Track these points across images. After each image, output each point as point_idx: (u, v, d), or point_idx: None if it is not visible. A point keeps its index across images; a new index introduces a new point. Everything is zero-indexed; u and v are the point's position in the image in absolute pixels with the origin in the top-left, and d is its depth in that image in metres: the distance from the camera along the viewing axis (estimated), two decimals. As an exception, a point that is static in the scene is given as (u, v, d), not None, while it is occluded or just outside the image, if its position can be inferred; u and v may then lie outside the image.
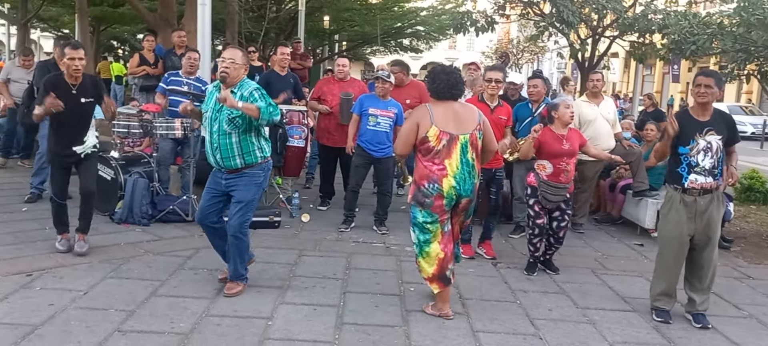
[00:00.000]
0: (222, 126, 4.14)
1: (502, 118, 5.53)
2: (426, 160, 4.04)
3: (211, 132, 4.20)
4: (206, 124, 4.25)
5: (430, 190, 4.02)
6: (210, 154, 4.25)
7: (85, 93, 4.83)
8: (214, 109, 4.20)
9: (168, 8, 10.86)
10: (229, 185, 4.26)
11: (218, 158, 4.21)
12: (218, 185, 4.31)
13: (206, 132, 4.26)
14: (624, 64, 34.79)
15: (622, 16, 12.00)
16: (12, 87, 8.29)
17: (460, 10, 13.96)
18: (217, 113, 4.17)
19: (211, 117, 4.21)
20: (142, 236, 5.65)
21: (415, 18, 22.98)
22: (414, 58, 48.35)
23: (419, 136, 4.02)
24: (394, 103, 6.26)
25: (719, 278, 5.12)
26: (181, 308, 4.03)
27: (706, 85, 4.14)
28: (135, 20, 18.24)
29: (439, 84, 4.07)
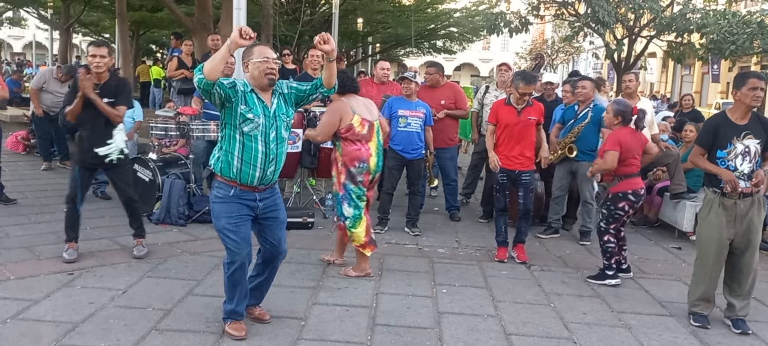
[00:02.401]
0: (280, 133, 3.54)
1: (532, 118, 5.47)
2: (353, 145, 4.74)
3: (267, 142, 3.48)
4: (255, 134, 3.45)
5: (361, 168, 4.76)
6: (257, 168, 3.48)
7: (108, 93, 4.78)
8: (268, 114, 3.49)
9: (205, 12, 11.07)
10: (267, 206, 3.62)
11: (270, 172, 3.53)
12: (248, 209, 3.56)
13: (251, 142, 3.45)
14: (662, 65, 34.10)
15: (660, 15, 11.81)
16: (45, 97, 8.35)
17: (493, 11, 13.89)
18: (272, 120, 3.49)
19: (265, 125, 3.47)
20: (179, 236, 5.77)
21: (449, 19, 22.99)
22: (447, 60, 48.30)
23: (343, 125, 4.71)
24: (422, 104, 6.27)
25: (761, 282, 4.99)
26: (216, 308, 4.09)
27: (761, 88, 4.05)
28: (173, 24, 18.61)
29: (342, 80, 4.62)
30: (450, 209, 7.12)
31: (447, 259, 5.52)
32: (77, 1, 18.70)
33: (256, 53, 3.47)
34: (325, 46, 3.37)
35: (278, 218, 3.69)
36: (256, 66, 3.47)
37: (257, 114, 3.46)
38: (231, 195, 3.50)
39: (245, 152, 3.45)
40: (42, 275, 4.56)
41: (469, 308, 4.37)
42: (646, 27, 12.72)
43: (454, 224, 6.85)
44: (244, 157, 3.45)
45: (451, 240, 6.15)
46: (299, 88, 3.63)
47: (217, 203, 3.53)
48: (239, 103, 3.42)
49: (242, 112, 3.41)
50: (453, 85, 7.66)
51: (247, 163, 3.46)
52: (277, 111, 3.52)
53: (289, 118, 3.60)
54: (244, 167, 3.46)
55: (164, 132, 6.43)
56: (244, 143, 3.45)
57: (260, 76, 3.46)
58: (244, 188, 3.50)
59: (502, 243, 5.57)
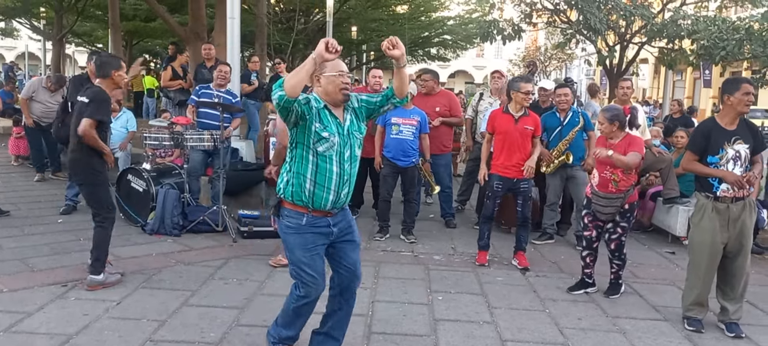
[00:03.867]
0: (354, 151, 3.24)
1: (529, 127, 5.46)
2: None
3: (342, 162, 3.17)
4: (330, 154, 3.14)
5: None
6: (331, 191, 3.16)
7: None
8: (342, 132, 3.17)
9: (198, 22, 11.08)
10: (341, 229, 3.31)
11: (344, 195, 3.23)
12: (324, 238, 3.26)
13: (326, 163, 3.14)
14: (654, 70, 34.28)
15: (651, 22, 11.91)
16: (34, 107, 8.32)
17: (487, 19, 13.98)
18: (346, 138, 3.19)
19: (341, 143, 3.16)
20: (173, 246, 5.76)
21: (443, 27, 23.10)
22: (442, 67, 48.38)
23: None
24: (417, 112, 6.29)
25: (753, 286, 5.03)
26: (211, 318, 4.09)
27: (753, 93, 4.10)
28: (166, 34, 18.63)
29: None
30: (445, 215, 7.14)
31: (443, 266, 5.53)
32: (70, 12, 18.70)
33: (330, 67, 3.14)
34: (395, 52, 3.06)
35: (354, 240, 3.40)
36: (330, 81, 3.14)
37: (332, 132, 3.14)
38: (303, 224, 3.17)
39: (319, 174, 3.13)
40: (35, 287, 4.54)
41: (465, 315, 4.38)
42: (638, 33, 12.82)
43: (450, 230, 6.86)
44: (317, 180, 3.13)
45: (446, 247, 6.16)
46: (370, 100, 3.32)
47: (289, 233, 3.20)
48: (314, 121, 3.10)
49: (317, 130, 3.10)
50: (448, 93, 7.70)
51: (320, 185, 3.14)
52: (350, 128, 3.22)
53: (361, 135, 3.29)
54: (318, 190, 3.14)
55: (158, 142, 6.43)
56: (318, 164, 3.13)
57: (335, 91, 3.15)
58: (317, 213, 3.18)
59: (483, 247, 5.62)
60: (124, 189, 6.51)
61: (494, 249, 6.02)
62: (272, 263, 5.24)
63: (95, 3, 18.25)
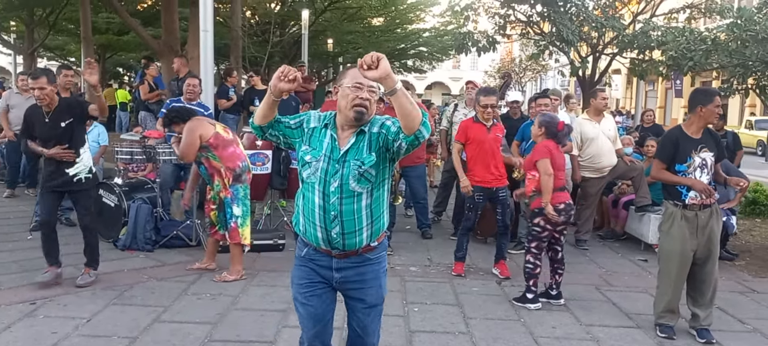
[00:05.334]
0: (346, 183, 2.55)
1: (499, 135, 5.62)
2: (227, 149, 5.15)
3: (326, 193, 2.56)
4: (312, 180, 2.59)
5: (244, 167, 5.23)
6: (317, 227, 2.59)
7: (60, 117, 4.75)
8: (334, 156, 2.57)
9: (172, 35, 11.00)
10: (347, 279, 2.69)
11: (334, 234, 2.58)
12: (322, 278, 2.71)
13: (309, 192, 2.61)
14: (626, 81, 34.83)
15: (622, 33, 12.10)
16: (13, 117, 8.16)
17: (461, 31, 14.08)
18: (337, 164, 2.56)
19: (324, 169, 2.57)
20: (146, 261, 5.68)
21: (418, 39, 23.22)
22: (418, 79, 48.70)
23: (207, 137, 5.08)
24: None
25: (724, 292, 5.11)
26: (183, 334, 4.04)
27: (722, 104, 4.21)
28: (140, 47, 18.46)
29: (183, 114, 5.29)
30: (421, 227, 7.14)
31: (419, 277, 5.52)
32: (41, 26, 18.43)
33: (348, 77, 2.57)
34: (371, 73, 2.31)
35: (365, 299, 2.71)
36: (344, 95, 2.56)
37: (317, 156, 2.59)
38: (303, 255, 2.71)
39: (305, 205, 2.63)
40: (3, 305, 4.44)
41: (440, 326, 4.37)
42: (609, 45, 13.02)
43: (426, 242, 6.87)
44: (304, 211, 2.65)
45: (422, 258, 6.16)
46: (390, 128, 2.56)
47: (295, 266, 2.77)
48: (303, 143, 2.65)
49: (302, 153, 2.62)
50: (420, 105, 7.72)
51: (306, 218, 2.63)
52: (349, 154, 2.56)
53: (365, 166, 2.55)
54: (306, 224, 2.64)
55: (130, 156, 6.35)
56: (305, 194, 2.63)
57: (346, 107, 2.54)
58: (317, 249, 2.66)
59: (460, 258, 5.64)
60: (96, 204, 6.38)
61: (470, 259, 6.04)
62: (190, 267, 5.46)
63: (67, 16, 18.02)
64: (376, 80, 2.35)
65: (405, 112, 2.41)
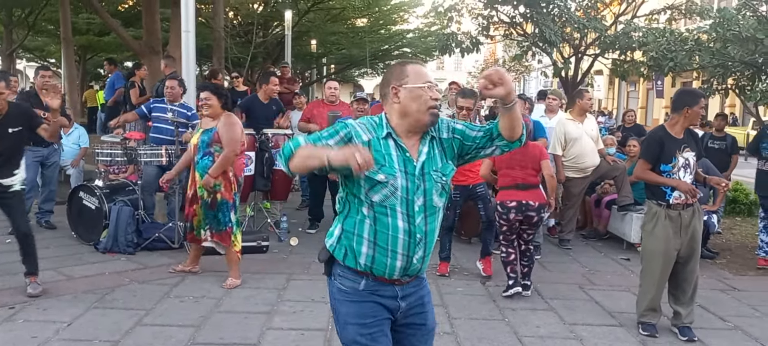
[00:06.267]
0: (430, 199, 2.28)
1: None
2: (242, 158, 5.23)
3: (412, 215, 2.24)
4: (391, 203, 2.22)
5: (241, 180, 5.26)
6: (398, 256, 2.25)
7: (10, 123, 4.62)
8: (411, 171, 2.25)
9: (153, 36, 10.89)
10: (411, 305, 2.37)
11: (416, 259, 2.29)
12: (387, 311, 2.33)
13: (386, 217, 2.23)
14: (608, 82, 35.14)
15: (603, 34, 12.18)
16: None
17: (445, 32, 14.09)
18: (418, 179, 2.25)
19: (405, 187, 2.23)
20: (128, 264, 5.61)
21: (402, 40, 23.21)
22: (401, 80, 48.47)
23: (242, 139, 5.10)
24: None
25: (705, 290, 5.17)
26: (166, 337, 3.99)
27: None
28: (121, 49, 18.26)
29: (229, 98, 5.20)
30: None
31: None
32: (20, 26, 18.17)
33: (413, 75, 2.28)
34: (497, 90, 2.15)
35: (426, 323, 2.41)
36: (414, 95, 2.26)
37: (392, 173, 2.22)
38: (361, 288, 2.29)
39: (379, 234, 2.24)
40: (-19, 310, 4.37)
41: (424, 326, 4.36)
42: (591, 46, 13.11)
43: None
44: (378, 241, 2.24)
45: (406, 259, 6.14)
46: (466, 133, 2.36)
47: (342, 301, 2.32)
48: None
49: (370, 173, 2.18)
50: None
51: (382, 248, 2.25)
52: (426, 166, 2.27)
53: (445, 178, 2.31)
54: (379, 255, 2.25)
55: (110, 158, 6.28)
56: (377, 219, 2.24)
57: (421, 110, 2.25)
58: (380, 278, 2.30)
59: (444, 259, 5.66)
60: (76, 207, 6.33)
61: (455, 259, 6.04)
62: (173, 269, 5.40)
63: (47, 17, 17.79)
64: (504, 97, 2.17)
65: (516, 121, 2.27)
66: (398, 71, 2.32)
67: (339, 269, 2.32)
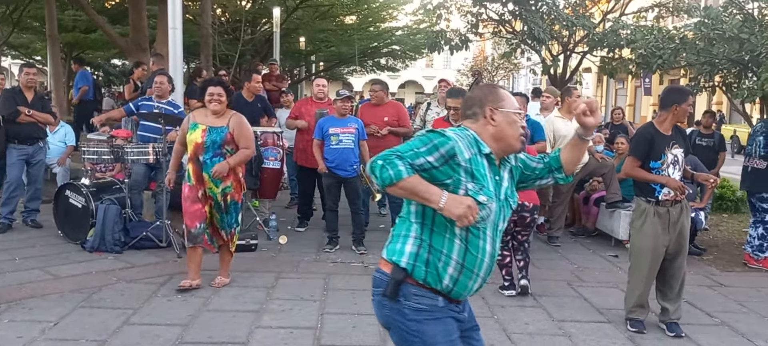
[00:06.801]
0: (506, 217, 2.33)
1: None
2: None
3: (495, 237, 2.28)
4: (483, 226, 2.21)
5: None
6: (479, 278, 2.26)
7: None
8: (498, 194, 2.26)
9: (140, 33, 10.83)
10: (469, 314, 2.42)
11: (482, 279, 2.29)
12: (459, 324, 2.33)
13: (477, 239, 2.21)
14: (597, 79, 35.32)
15: (592, 32, 12.23)
16: None
17: (434, 30, 14.10)
18: (504, 203, 2.29)
19: (496, 212, 2.25)
20: (115, 263, 5.57)
21: (391, 38, 23.20)
22: (392, 77, 48.65)
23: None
24: (353, 119, 6.29)
25: (692, 286, 5.20)
26: (153, 336, 3.96)
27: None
28: (107, 46, 18.12)
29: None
30: (395, 225, 7.12)
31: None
32: (5, 23, 17.95)
33: (507, 100, 2.29)
34: (589, 119, 2.26)
35: (476, 325, 2.46)
36: (510, 121, 2.26)
37: (491, 196, 2.19)
38: (440, 305, 2.24)
39: (469, 255, 2.20)
40: (-35, 310, 4.31)
41: (414, 324, 4.36)
42: (580, 43, 13.16)
43: (399, 240, 6.84)
44: (466, 263, 2.21)
45: (396, 257, 6.13)
46: (527, 163, 2.44)
47: (425, 321, 2.22)
48: (464, 182, 2.15)
49: (471, 193, 2.14)
50: (396, 104, 7.76)
51: (469, 270, 2.21)
52: (506, 192, 2.31)
53: (514, 205, 2.37)
54: (464, 277, 2.22)
55: (97, 156, 6.23)
56: (470, 240, 2.19)
57: (514, 136, 2.26)
58: (455, 300, 2.29)
59: None
60: (63, 205, 6.27)
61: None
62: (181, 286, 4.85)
63: (32, 14, 17.58)
64: (589, 128, 2.31)
65: (580, 157, 2.41)
66: (493, 93, 2.31)
67: (413, 289, 2.22)
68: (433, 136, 2.15)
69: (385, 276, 2.26)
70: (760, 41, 7.03)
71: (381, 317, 2.32)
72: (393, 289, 2.22)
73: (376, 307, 2.32)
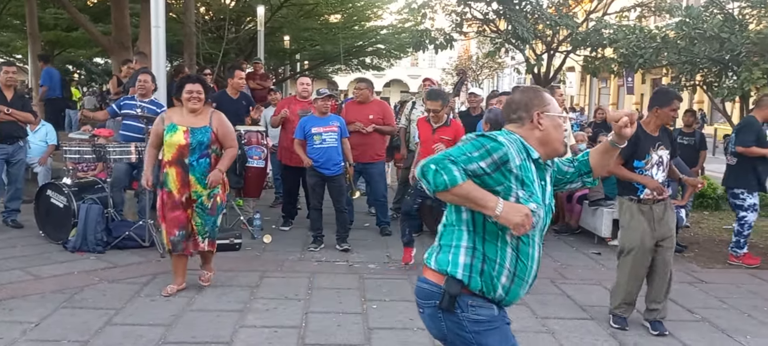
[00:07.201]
0: (548, 222, 2.31)
1: (445, 137, 5.60)
2: None
3: (539, 244, 2.29)
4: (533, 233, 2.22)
5: None
6: (527, 285, 2.27)
7: None
8: (544, 200, 2.24)
9: (122, 31, 10.72)
10: None
11: (529, 286, 2.30)
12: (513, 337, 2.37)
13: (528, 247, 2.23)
14: (580, 78, 35.59)
15: (575, 31, 12.33)
16: None
17: (419, 29, 14.13)
18: (549, 208, 2.28)
19: (543, 218, 2.24)
20: (97, 263, 5.52)
21: (376, 36, 23.18)
22: (377, 76, 48.63)
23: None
24: (335, 117, 6.28)
25: (674, 283, 5.24)
26: (136, 336, 3.94)
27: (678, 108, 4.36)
28: (89, 44, 17.93)
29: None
30: (380, 224, 7.14)
31: (377, 274, 5.52)
32: (-15, 21, 17.75)
33: (552, 103, 2.28)
34: (629, 131, 2.27)
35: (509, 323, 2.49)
36: (556, 125, 2.26)
37: (539, 202, 2.18)
38: (496, 315, 2.24)
39: (520, 263, 2.20)
40: (-56, 311, 4.26)
41: (399, 322, 4.37)
42: (563, 42, 13.27)
43: (385, 238, 6.87)
44: (517, 271, 2.20)
45: (381, 255, 6.15)
46: (560, 167, 2.46)
47: (484, 332, 2.21)
48: (514, 189, 2.12)
49: (522, 200, 2.13)
50: (381, 102, 7.78)
51: (520, 278, 2.22)
52: (550, 195, 2.30)
53: (553, 208, 2.36)
54: (515, 285, 2.22)
55: (79, 155, 6.16)
56: (520, 248, 2.19)
57: (559, 140, 2.26)
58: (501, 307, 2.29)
59: (406, 244, 5.71)
60: (44, 205, 6.20)
61: (428, 255, 6.06)
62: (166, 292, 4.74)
63: (12, 12, 17.34)
64: (625, 138, 2.29)
65: (609, 163, 2.45)
66: (539, 97, 2.28)
67: (470, 300, 2.19)
68: (486, 140, 2.11)
69: (435, 288, 2.22)
70: (739, 41, 7.13)
71: (436, 330, 2.27)
72: (449, 302, 2.18)
73: (430, 320, 2.27)
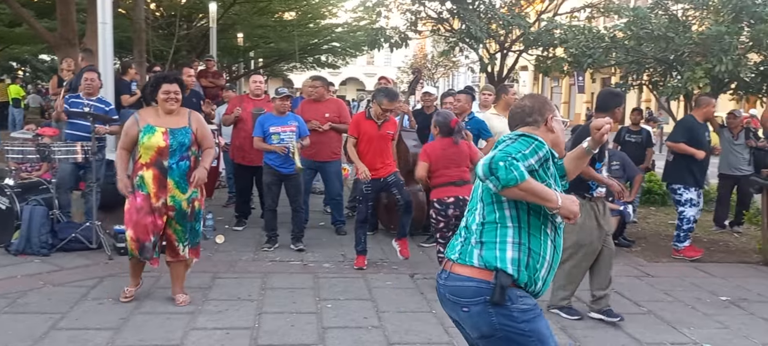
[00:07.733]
0: None
1: (390, 132, 5.71)
2: None
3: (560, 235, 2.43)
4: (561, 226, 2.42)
5: None
6: (551, 275, 2.41)
7: None
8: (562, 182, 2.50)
9: (68, 27, 10.38)
10: None
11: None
12: None
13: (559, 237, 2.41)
14: (533, 78, 36.22)
15: (527, 31, 12.51)
16: None
17: (374, 27, 14.12)
18: None
19: None
20: (42, 266, 5.34)
21: (331, 34, 23.09)
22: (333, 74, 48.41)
23: None
24: (294, 117, 6.23)
25: (621, 276, 5.41)
26: (83, 341, 3.83)
27: None
28: (34, 40, 17.35)
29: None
30: (335, 222, 7.12)
31: (332, 273, 5.50)
32: None
33: (557, 112, 2.53)
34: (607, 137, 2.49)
35: None
36: (562, 129, 2.49)
37: (558, 185, 2.41)
38: (535, 304, 2.35)
39: (555, 255, 2.37)
40: None
41: (353, 321, 4.37)
42: (516, 42, 13.44)
43: (340, 237, 6.85)
44: (552, 262, 2.35)
45: (336, 254, 6.13)
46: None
47: (532, 319, 2.29)
48: (552, 185, 2.33)
49: None
50: (337, 100, 7.76)
51: (552, 269, 2.37)
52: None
53: None
54: (549, 276, 2.37)
55: (22, 155, 5.95)
56: (556, 241, 2.36)
57: (563, 144, 2.52)
58: None
59: (360, 252, 5.69)
60: (-16, 207, 5.96)
61: (384, 253, 6.08)
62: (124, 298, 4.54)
63: (-49, 6, 16.67)
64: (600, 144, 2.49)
65: (582, 167, 2.63)
66: (548, 103, 2.48)
67: (517, 292, 2.29)
68: (530, 139, 2.26)
69: (484, 284, 2.28)
70: (683, 41, 7.37)
71: (485, 326, 2.31)
72: (501, 294, 2.25)
73: (477, 317, 2.31)
